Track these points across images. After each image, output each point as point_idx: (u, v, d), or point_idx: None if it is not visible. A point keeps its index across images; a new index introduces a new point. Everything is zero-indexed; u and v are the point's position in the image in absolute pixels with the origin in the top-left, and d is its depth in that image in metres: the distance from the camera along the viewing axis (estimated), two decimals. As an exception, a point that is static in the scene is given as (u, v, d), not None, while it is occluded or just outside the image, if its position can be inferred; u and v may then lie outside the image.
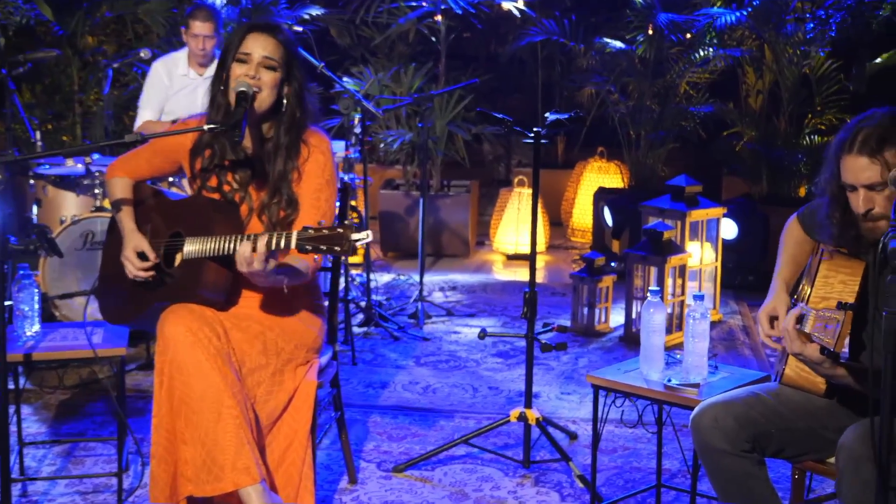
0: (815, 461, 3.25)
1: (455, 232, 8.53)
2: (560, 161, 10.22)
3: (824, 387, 3.21)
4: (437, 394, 5.42)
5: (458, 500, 4.22)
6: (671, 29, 7.89)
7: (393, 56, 8.98)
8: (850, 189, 3.11)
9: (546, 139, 4.28)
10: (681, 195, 6.71)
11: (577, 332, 6.47)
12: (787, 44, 7.68)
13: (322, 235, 3.30)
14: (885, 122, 3.06)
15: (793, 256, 3.51)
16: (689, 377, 3.70)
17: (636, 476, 4.45)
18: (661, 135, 8.35)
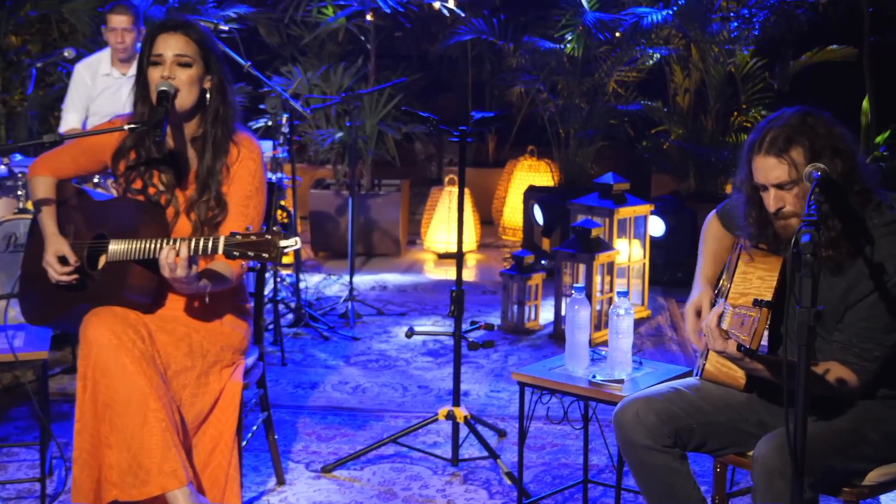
0: (736, 454, 3.29)
1: (386, 231, 8.52)
2: (491, 160, 10.25)
3: (744, 381, 3.25)
4: (366, 393, 5.41)
5: (386, 499, 4.22)
6: (599, 28, 7.95)
7: (323, 55, 8.96)
8: (762, 189, 3.16)
9: (471, 137, 4.29)
10: (609, 193, 6.77)
11: (506, 331, 6.50)
12: (712, 42, 7.78)
13: (250, 241, 3.30)
14: (793, 122, 3.10)
15: (714, 253, 3.56)
16: (614, 373, 3.73)
17: (564, 472, 4.49)
18: (590, 133, 8.41)
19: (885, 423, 3.15)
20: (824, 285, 3.12)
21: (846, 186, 3.07)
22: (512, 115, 9.70)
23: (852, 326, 3.06)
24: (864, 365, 3.03)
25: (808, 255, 2.47)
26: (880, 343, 3.04)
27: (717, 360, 3.29)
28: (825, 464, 3.00)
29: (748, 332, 2.80)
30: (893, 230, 3.08)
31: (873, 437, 3.12)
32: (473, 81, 10.22)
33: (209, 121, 3.70)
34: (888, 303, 3.03)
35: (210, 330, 3.71)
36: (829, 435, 3.08)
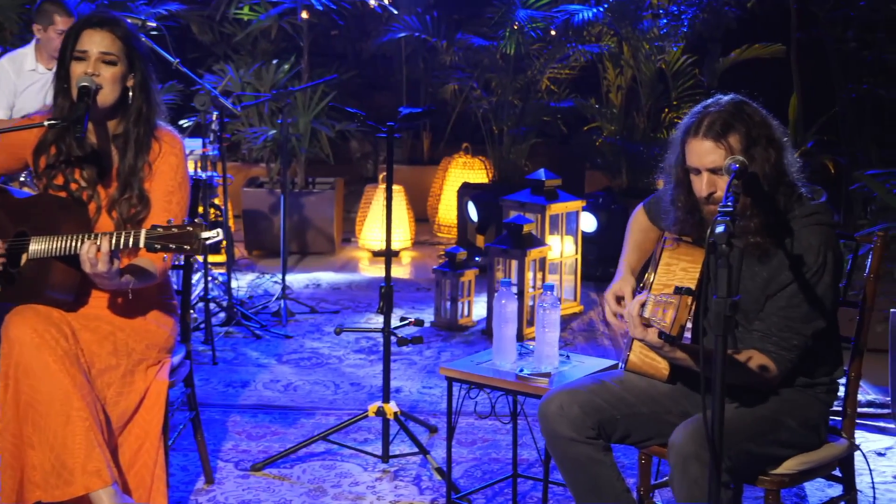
0: (659, 446, 3.32)
1: (320, 229, 8.49)
2: (426, 158, 10.25)
3: (667, 372, 3.28)
4: (298, 391, 5.39)
5: (315, 496, 4.21)
6: (531, 25, 7.98)
7: (256, 53, 8.90)
8: (694, 172, 3.17)
9: (400, 133, 4.29)
10: (541, 189, 6.80)
11: (440, 327, 6.50)
12: (643, 40, 7.83)
13: (171, 234, 3.27)
14: (730, 109, 3.13)
15: (638, 243, 3.58)
16: (541, 367, 3.75)
17: (494, 467, 4.50)
18: (523, 130, 8.44)
19: (802, 411, 3.19)
20: (746, 275, 3.16)
21: (776, 177, 3.11)
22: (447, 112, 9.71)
23: (772, 316, 3.10)
24: (782, 354, 3.07)
25: (724, 245, 2.49)
26: (799, 333, 3.08)
27: (640, 352, 3.31)
28: (742, 448, 3.04)
29: (669, 320, 2.82)
30: (814, 221, 3.12)
31: (790, 423, 3.16)
32: (408, 79, 10.21)
33: (131, 119, 3.66)
34: (807, 293, 3.07)
35: (135, 328, 3.68)
36: (747, 420, 3.12)
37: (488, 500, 4.20)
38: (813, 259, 3.07)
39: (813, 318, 3.08)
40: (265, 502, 4.14)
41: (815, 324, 3.09)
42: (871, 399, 5.32)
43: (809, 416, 3.21)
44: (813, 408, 3.22)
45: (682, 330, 2.97)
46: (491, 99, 8.52)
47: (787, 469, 3.14)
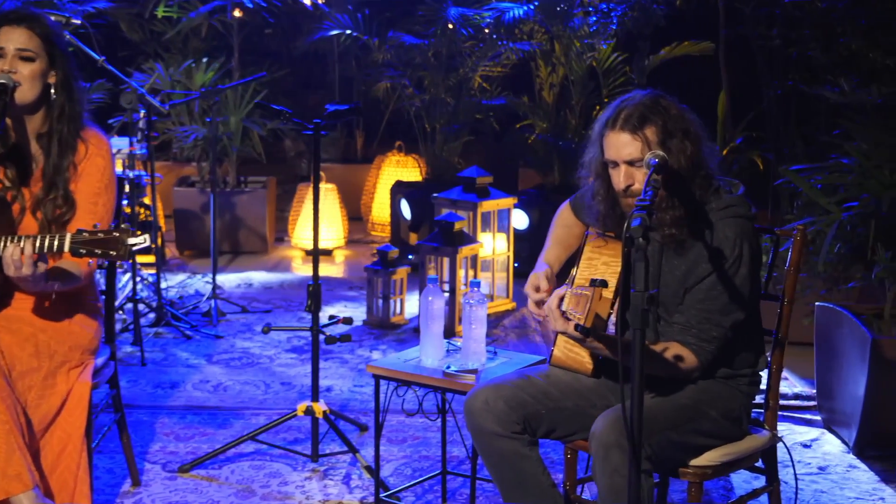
0: (584, 440, 3.32)
1: (253, 229, 8.43)
2: (359, 156, 10.22)
3: (591, 366, 3.30)
4: (228, 392, 5.35)
5: (244, 497, 4.17)
6: (462, 23, 7.98)
7: (187, 51, 8.81)
8: (612, 165, 3.20)
9: (325, 130, 4.27)
10: (472, 186, 6.80)
11: (372, 325, 6.49)
12: (574, 37, 7.86)
13: (97, 239, 3.24)
14: (647, 102, 3.17)
15: (559, 238, 3.60)
16: (468, 363, 3.75)
17: (425, 464, 4.49)
18: (455, 128, 8.44)
19: (724, 402, 3.23)
20: (665, 268, 3.18)
21: (692, 170, 3.13)
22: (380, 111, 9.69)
23: (691, 308, 3.13)
24: (702, 346, 3.10)
25: (640, 239, 2.50)
26: (718, 324, 3.11)
27: (565, 346, 3.33)
28: (663, 437, 3.06)
29: (583, 311, 2.83)
30: (730, 214, 3.15)
31: (712, 414, 3.19)
32: (341, 78, 10.17)
33: (55, 117, 3.61)
34: (725, 285, 3.10)
35: (57, 330, 3.63)
36: (668, 409, 3.15)
37: (418, 497, 4.20)
38: (730, 251, 3.11)
39: (731, 310, 3.11)
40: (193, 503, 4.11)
41: (734, 316, 3.12)
42: (798, 392, 5.39)
43: (731, 407, 3.24)
44: (735, 399, 3.26)
45: (602, 322, 2.98)
46: (423, 97, 8.50)
47: (709, 461, 3.17)
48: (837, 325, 4.86)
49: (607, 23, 7.64)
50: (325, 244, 8.52)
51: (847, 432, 4.76)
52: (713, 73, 7.29)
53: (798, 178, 5.08)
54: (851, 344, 4.71)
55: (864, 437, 4.64)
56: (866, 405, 4.57)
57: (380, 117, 9.95)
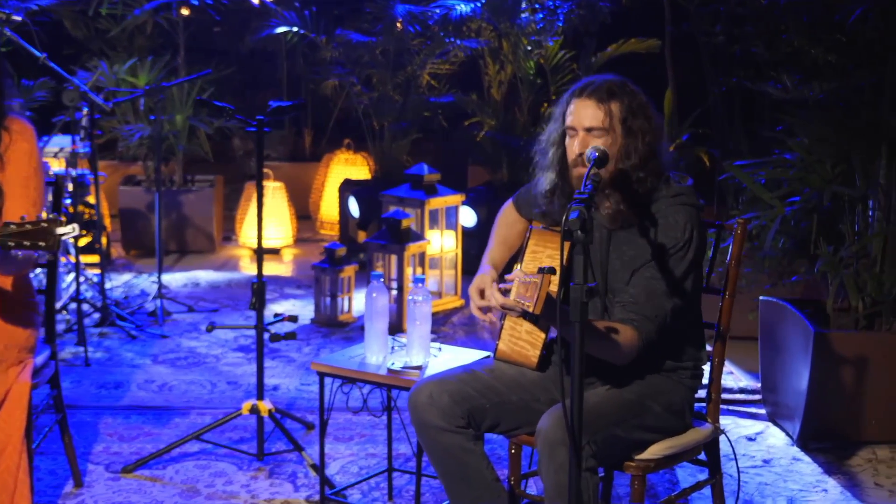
0: (528, 434, 3.32)
1: (200, 228, 8.37)
2: (308, 154, 10.17)
3: (536, 360, 3.30)
4: (173, 391, 5.30)
5: (188, 497, 4.14)
6: (409, 20, 7.96)
7: (132, 49, 8.73)
8: (571, 134, 3.21)
9: (269, 127, 4.24)
10: (420, 184, 6.79)
11: (320, 324, 6.46)
12: (521, 34, 7.87)
13: (25, 231, 3.18)
14: (617, 81, 3.24)
15: (503, 238, 3.60)
16: (413, 360, 3.74)
17: (371, 462, 4.48)
18: (404, 125, 8.42)
19: (666, 396, 3.24)
20: (613, 255, 3.21)
21: (648, 155, 3.16)
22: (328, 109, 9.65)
23: (636, 286, 3.14)
24: (644, 323, 3.09)
25: (578, 232, 2.50)
26: (661, 305, 3.12)
27: (509, 340, 3.33)
28: (608, 433, 3.07)
29: (532, 299, 2.82)
30: (679, 201, 3.18)
31: (656, 408, 3.20)
32: (289, 76, 10.12)
33: None
34: (672, 268, 3.13)
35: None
36: (612, 405, 3.15)
37: (364, 494, 4.18)
38: (680, 234, 3.14)
39: (674, 294, 3.12)
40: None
41: (676, 300, 3.13)
42: (744, 386, 5.42)
43: (674, 400, 3.25)
44: (678, 392, 3.27)
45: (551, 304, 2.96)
46: (372, 95, 8.48)
47: (652, 454, 3.18)
48: (781, 318, 4.90)
49: (553, 20, 7.65)
50: (273, 243, 8.47)
51: (791, 425, 4.80)
52: (660, 70, 7.32)
53: (741, 173, 5.12)
54: (795, 337, 4.75)
55: (808, 430, 4.68)
56: (809, 398, 4.61)
57: (328, 115, 9.91)
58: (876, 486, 4.31)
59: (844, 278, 4.80)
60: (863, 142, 4.71)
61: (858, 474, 4.43)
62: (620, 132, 3.17)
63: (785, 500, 4.18)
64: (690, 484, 3.65)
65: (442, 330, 6.33)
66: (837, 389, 4.65)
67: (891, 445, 4.67)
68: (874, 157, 4.72)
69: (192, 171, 8.74)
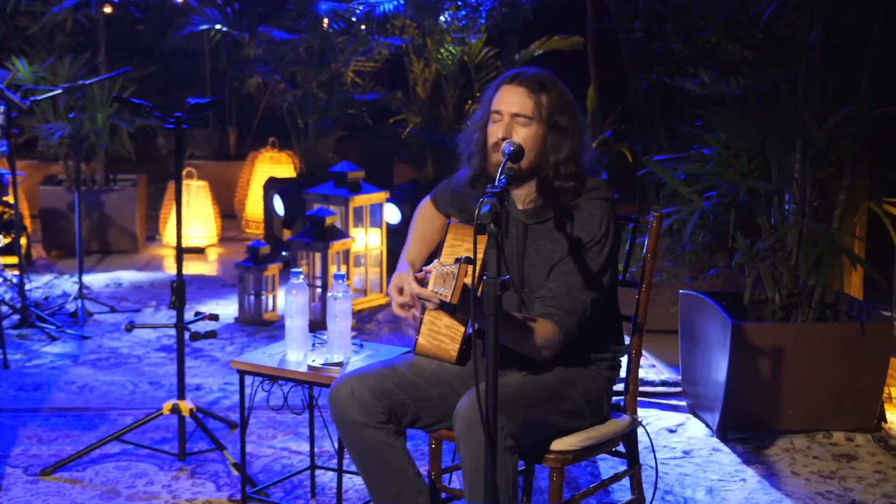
0: (449, 429, 3.32)
1: (122, 227, 8.28)
2: (233, 152, 10.11)
3: (455, 354, 3.31)
4: (94, 392, 5.24)
5: (108, 498, 4.09)
6: (333, 17, 7.94)
7: (52, 47, 8.61)
8: (496, 117, 3.22)
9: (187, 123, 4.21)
10: (344, 181, 6.78)
11: (244, 322, 6.42)
12: (444, 32, 7.88)
13: None
14: (547, 74, 3.27)
15: (420, 235, 3.62)
16: (334, 356, 3.73)
17: (294, 460, 4.46)
18: (329, 123, 8.40)
19: (585, 385, 3.28)
20: (531, 249, 3.23)
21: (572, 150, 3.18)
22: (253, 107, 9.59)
23: (555, 280, 3.16)
24: (564, 317, 3.12)
25: (492, 225, 2.52)
26: (580, 299, 3.14)
27: (429, 334, 3.34)
28: (527, 414, 3.08)
29: (449, 288, 2.82)
30: (595, 195, 3.21)
31: (574, 394, 3.24)
32: (213, 74, 10.05)
33: None
34: (589, 262, 3.16)
35: None
36: (532, 388, 3.18)
37: (287, 492, 4.16)
38: (597, 229, 3.16)
39: (593, 287, 3.15)
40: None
41: (594, 293, 3.16)
42: (665, 378, 5.49)
43: (592, 390, 3.28)
44: (596, 382, 3.30)
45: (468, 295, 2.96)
46: (296, 92, 8.44)
47: (570, 445, 3.20)
48: (700, 311, 4.97)
49: (476, 17, 7.67)
50: (198, 242, 8.41)
51: (711, 416, 4.86)
52: (583, 67, 7.38)
53: (660, 168, 5.17)
54: (713, 330, 4.82)
55: (727, 421, 4.75)
56: (728, 389, 4.68)
57: (253, 113, 9.85)
58: (793, 475, 4.38)
59: (761, 271, 4.88)
60: (778, 136, 4.78)
61: (776, 463, 4.50)
62: (545, 125, 3.19)
63: (704, 490, 4.23)
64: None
65: (367, 328, 6.32)
66: (755, 380, 4.72)
67: (807, 434, 4.75)
68: (789, 151, 4.80)
69: (116, 170, 8.64)
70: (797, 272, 4.84)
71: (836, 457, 4.57)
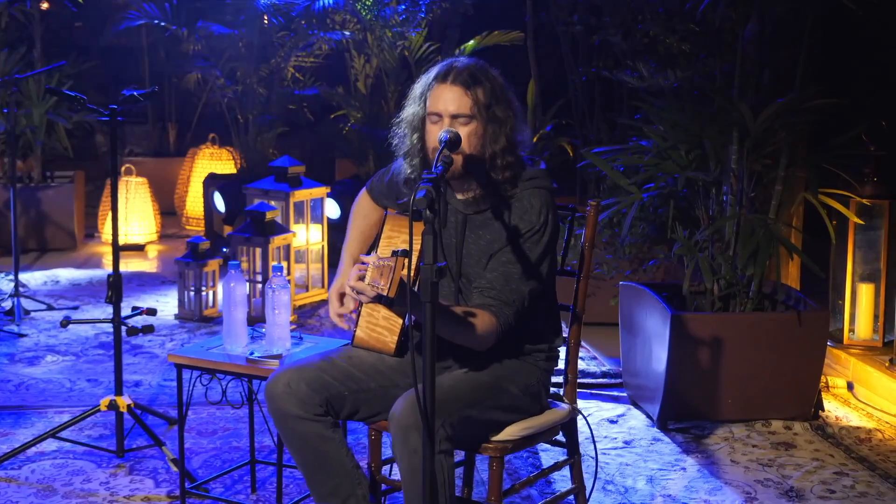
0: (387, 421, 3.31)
1: (60, 225, 8.18)
2: (172, 149, 10.02)
3: (394, 346, 3.29)
4: (30, 391, 5.16)
5: (45, 496, 4.03)
6: (272, 12, 7.89)
7: (-12, 43, 8.49)
8: (434, 119, 3.20)
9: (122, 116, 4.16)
10: (284, 176, 6.74)
11: (184, 319, 6.36)
12: (385, 27, 7.86)
13: None
14: (478, 65, 3.23)
15: (360, 230, 3.61)
16: (272, 349, 3.70)
17: (235, 455, 4.42)
18: (269, 118, 8.35)
19: (522, 377, 3.27)
20: (470, 240, 3.23)
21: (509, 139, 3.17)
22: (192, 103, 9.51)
23: (493, 271, 3.16)
24: (502, 308, 3.11)
25: (427, 212, 2.51)
26: (518, 289, 3.14)
27: (367, 327, 3.32)
28: (463, 415, 3.08)
29: (386, 281, 2.81)
30: (534, 185, 3.21)
31: (511, 389, 3.23)
32: (151, 70, 9.95)
33: None
34: (528, 252, 3.15)
35: None
36: (467, 388, 3.16)
37: (227, 488, 4.13)
38: (535, 218, 3.16)
39: (530, 277, 3.15)
40: (-11, 505, 3.96)
41: (532, 283, 3.16)
42: (606, 370, 5.51)
43: (530, 382, 3.28)
44: (533, 374, 3.30)
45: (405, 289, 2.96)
46: (236, 88, 8.39)
47: (509, 435, 3.20)
48: (640, 302, 4.99)
49: (416, 11, 7.67)
50: (137, 239, 8.33)
51: (651, 407, 4.89)
52: (523, 62, 7.39)
53: (599, 160, 5.19)
54: (653, 320, 4.84)
55: (667, 411, 4.78)
56: (668, 380, 4.71)
57: (192, 110, 9.77)
58: (732, 463, 4.42)
59: (700, 261, 4.91)
60: (715, 128, 4.82)
61: (715, 452, 4.53)
62: (485, 118, 3.17)
63: (645, 480, 4.26)
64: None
65: (308, 322, 6.29)
66: (695, 370, 4.76)
67: (746, 423, 4.79)
68: (726, 142, 4.84)
69: (55, 167, 8.54)
70: (735, 262, 4.89)
71: (774, 445, 4.61)
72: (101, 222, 8.50)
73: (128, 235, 8.25)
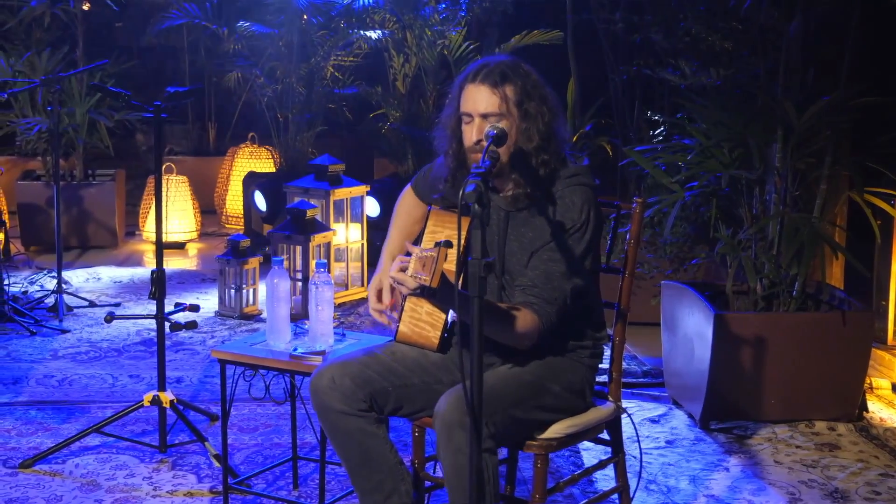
0: (431, 417, 3.31)
1: (101, 222, 8.24)
2: (212, 148, 10.07)
3: (437, 341, 3.29)
4: (73, 386, 5.20)
5: (88, 490, 4.06)
6: (312, 11, 7.91)
7: (30, 42, 8.56)
8: (466, 119, 3.20)
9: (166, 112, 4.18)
10: (324, 174, 6.75)
11: (225, 316, 6.39)
12: (424, 26, 7.86)
13: None
14: (509, 62, 3.22)
15: (402, 227, 3.60)
16: (315, 345, 3.70)
17: (276, 452, 4.44)
18: (308, 117, 8.37)
19: (566, 375, 3.25)
20: (512, 237, 3.22)
21: (546, 136, 3.16)
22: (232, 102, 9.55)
23: (535, 269, 3.14)
24: (544, 306, 3.10)
25: (476, 206, 2.50)
26: (560, 287, 3.12)
27: (410, 321, 3.32)
28: (507, 414, 3.07)
29: (429, 272, 2.80)
30: (576, 182, 3.19)
31: (555, 388, 3.21)
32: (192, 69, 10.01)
33: None
34: (570, 249, 3.14)
35: None
36: (511, 387, 3.15)
37: (269, 484, 4.14)
38: (577, 216, 3.14)
39: (573, 275, 3.13)
40: (34, 499, 3.98)
41: (575, 280, 3.14)
42: (647, 370, 5.49)
43: (574, 380, 3.27)
44: (577, 372, 3.28)
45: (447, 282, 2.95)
46: (275, 87, 8.41)
47: (554, 433, 3.19)
48: (682, 302, 4.97)
49: (456, 9, 7.66)
50: (177, 237, 8.37)
51: (693, 407, 4.86)
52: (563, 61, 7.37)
53: (641, 158, 5.17)
54: (696, 320, 4.82)
55: (710, 411, 4.75)
56: (710, 380, 4.68)
57: (232, 108, 9.82)
58: (776, 464, 4.39)
59: (743, 260, 4.88)
60: (759, 126, 4.79)
61: (759, 453, 4.50)
62: (517, 115, 3.16)
63: (687, 479, 4.23)
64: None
65: (348, 321, 6.30)
66: (737, 370, 4.73)
67: (789, 424, 4.75)
68: (770, 140, 4.81)
69: (97, 166, 8.61)
70: (779, 262, 4.85)
71: (818, 446, 4.57)
72: (141, 220, 8.55)
73: (168, 233, 8.30)
